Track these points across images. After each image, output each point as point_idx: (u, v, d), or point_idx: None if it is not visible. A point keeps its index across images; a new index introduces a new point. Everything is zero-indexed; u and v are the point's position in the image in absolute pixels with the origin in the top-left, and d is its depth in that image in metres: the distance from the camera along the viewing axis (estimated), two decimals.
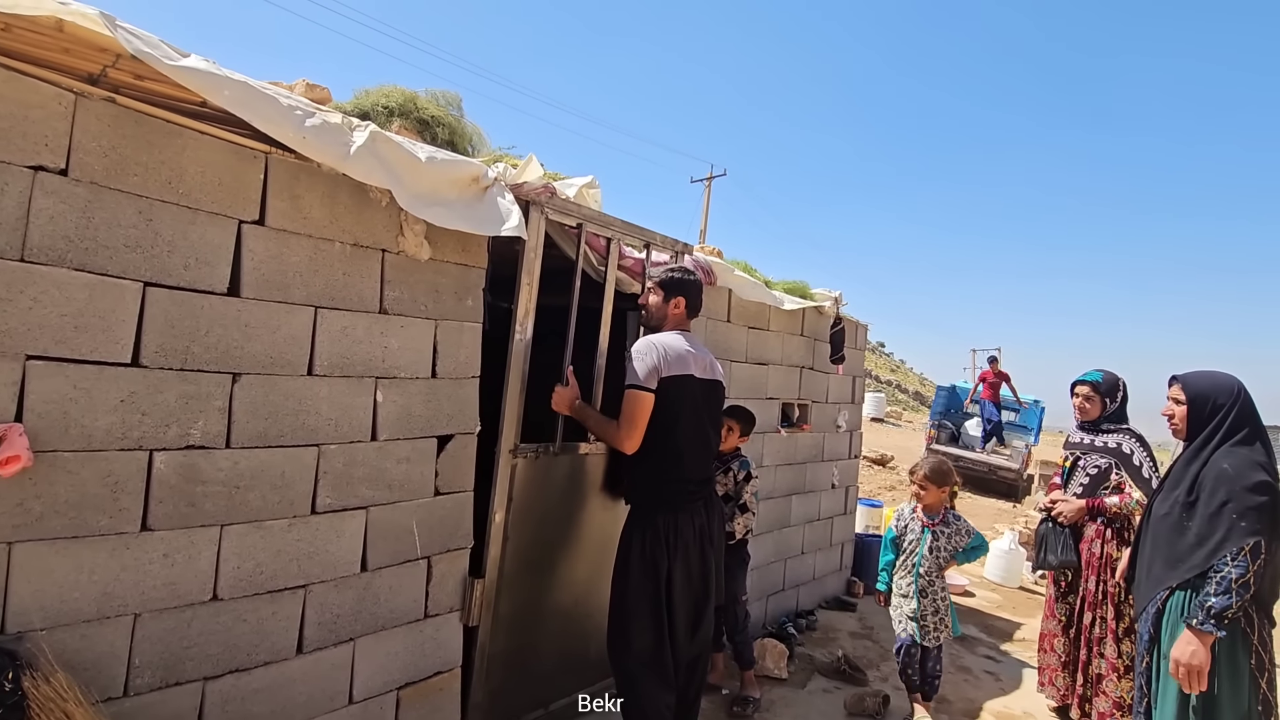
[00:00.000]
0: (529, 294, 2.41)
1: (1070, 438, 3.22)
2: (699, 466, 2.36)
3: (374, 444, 2.00)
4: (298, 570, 1.83)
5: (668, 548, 2.25)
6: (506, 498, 2.40)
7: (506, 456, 2.38)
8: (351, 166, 1.76)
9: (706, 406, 2.38)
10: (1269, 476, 2.01)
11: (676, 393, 2.26)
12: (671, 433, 2.26)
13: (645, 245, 2.88)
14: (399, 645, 2.08)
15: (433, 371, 2.16)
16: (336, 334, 1.90)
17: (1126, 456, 2.97)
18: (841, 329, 4.17)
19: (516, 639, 2.50)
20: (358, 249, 1.95)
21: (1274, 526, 1.97)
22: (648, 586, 2.24)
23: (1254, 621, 2.01)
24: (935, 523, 2.92)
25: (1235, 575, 1.94)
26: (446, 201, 2.03)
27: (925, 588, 2.89)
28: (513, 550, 2.44)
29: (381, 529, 2.03)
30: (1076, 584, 3.05)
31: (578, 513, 2.70)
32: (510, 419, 2.39)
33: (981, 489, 11.01)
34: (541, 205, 2.37)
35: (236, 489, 1.71)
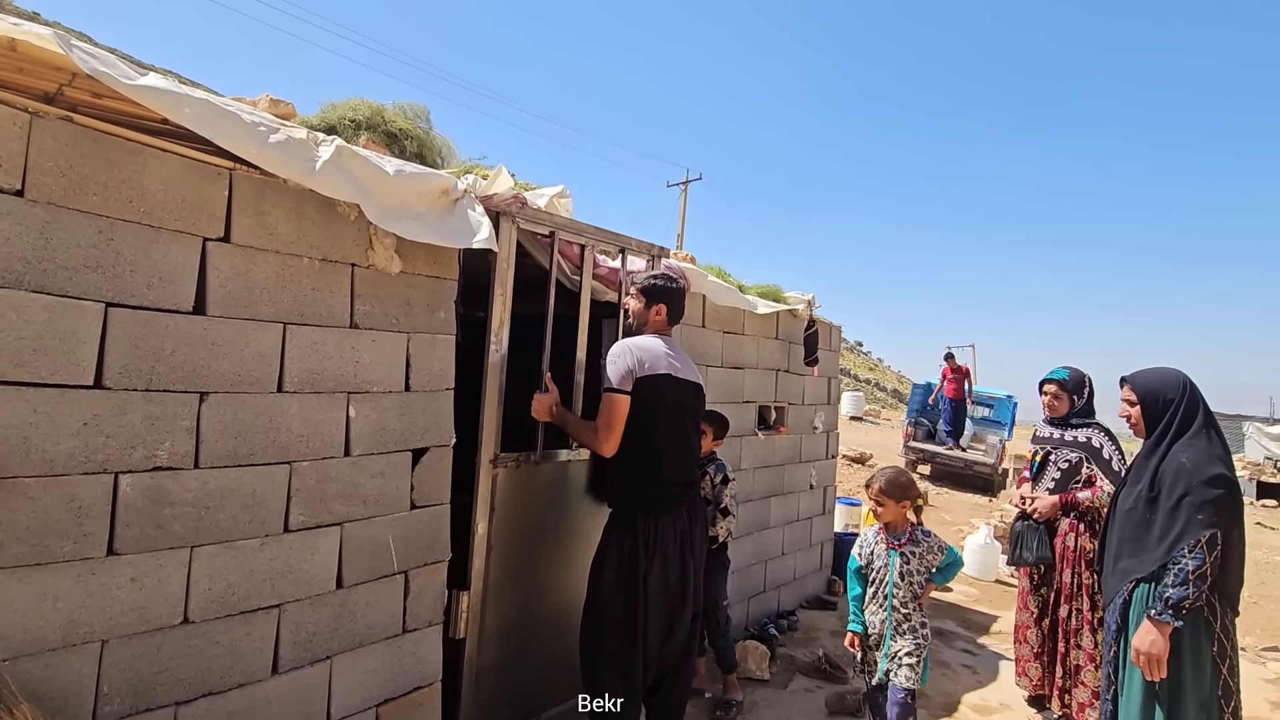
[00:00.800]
0: (503, 304, 2.42)
1: (1038, 432, 3.29)
2: (681, 469, 2.37)
3: (347, 459, 1.99)
4: (271, 589, 1.81)
5: (646, 551, 2.26)
6: (489, 508, 2.40)
7: (487, 467, 2.38)
8: (317, 182, 1.75)
9: (688, 409, 2.40)
10: (1225, 469, 2.08)
11: (654, 393, 2.27)
12: (651, 434, 2.27)
13: (620, 251, 2.90)
14: (377, 662, 2.07)
15: (406, 385, 2.15)
16: (306, 350, 1.89)
17: (1096, 450, 3.05)
18: (815, 331, 4.22)
19: (504, 649, 2.50)
20: (326, 264, 1.93)
21: (1231, 517, 2.04)
22: (623, 589, 2.25)
23: (1216, 610, 2.08)
24: (902, 543, 2.50)
25: (1192, 567, 2.01)
26: (416, 215, 2.03)
27: (902, 623, 2.47)
28: (497, 561, 2.44)
29: (357, 545, 2.01)
30: (1050, 576, 3.12)
31: (561, 520, 2.70)
32: (489, 429, 2.39)
33: (958, 484, 11.20)
34: (513, 215, 2.38)
35: (206, 509, 1.68)
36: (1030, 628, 3.18)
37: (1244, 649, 4.50)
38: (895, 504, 2.49)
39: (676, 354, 2.40)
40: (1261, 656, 4.35)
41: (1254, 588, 7.60)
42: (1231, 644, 2.11)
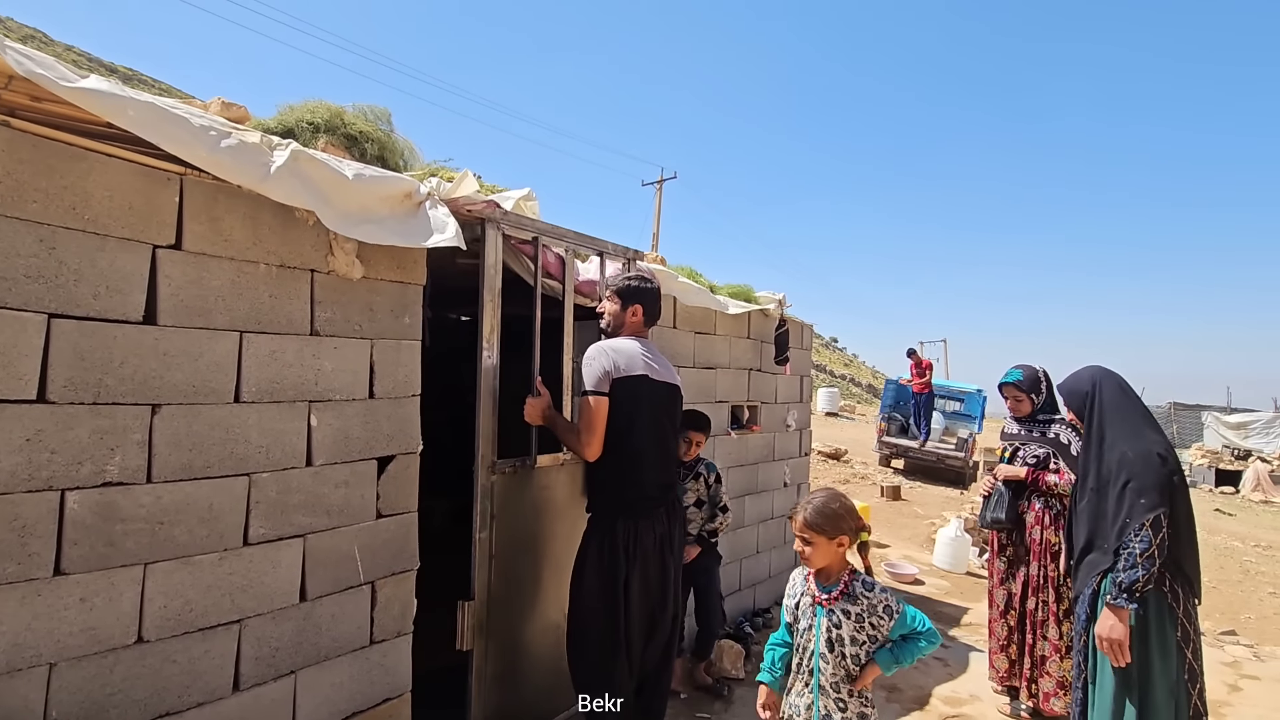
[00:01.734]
0: (493, 311, 2.40)
1: (1006, 429, 3.35)
2: (659, 471, 2.36)
3: (309, 469, 1.95)
4: (231, 605, 1.77)
5: (627, 556, 2.25)
6: (489, 515, 2.38)
7: (485, 473, 2.36)
8: (271, 188, 1.70)
9: (665, 410, 2.39)
10: (1163, 452, 2.16)
11: (631, 394, 2.26)
12: (628, 435, 2.26)
13: (599, 254, 2.91)
14: (344, 675, 2.03)
15: (370, 392, 2.11)
16: (265, 358, 1.84)
17: (1064, 446, 3.11)
18: (786, 330, 4.25)
19: (510, 658, 2.50)
20: (285, 270, 1.89)
21: (1174, 499, 2.12)
22: (604, 595, 2.24)
23: (1179, 596, 2.15)
24: (832, 598, 1.79)
25: (1140, 550, 2.08)
26: (378, 219, 1.99)
27: (833, 713, 1.77)
28: (499, 569, 2.43)
29: (321, 556, 1.97)
30: (1016, 570, 3.18)
31: (559, 524, 2.71)
32: (486, 435, 2.37)
33: (931, 478, 11.38)
34: (497, 222, 2.37)
35: (160, 525, 1.64)
36: (995, 620, 3.24)
37: (1203, 633, 4.64)
38: (827, 541, 1.76)
39: (653, 355, 2.39)
40: (1220, 640, 4.49)
41: (1213, 573, 7.85)
42: (1194, 628, 2.18)
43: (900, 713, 3.13)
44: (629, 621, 2.26)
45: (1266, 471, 14.45)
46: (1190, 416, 20.09)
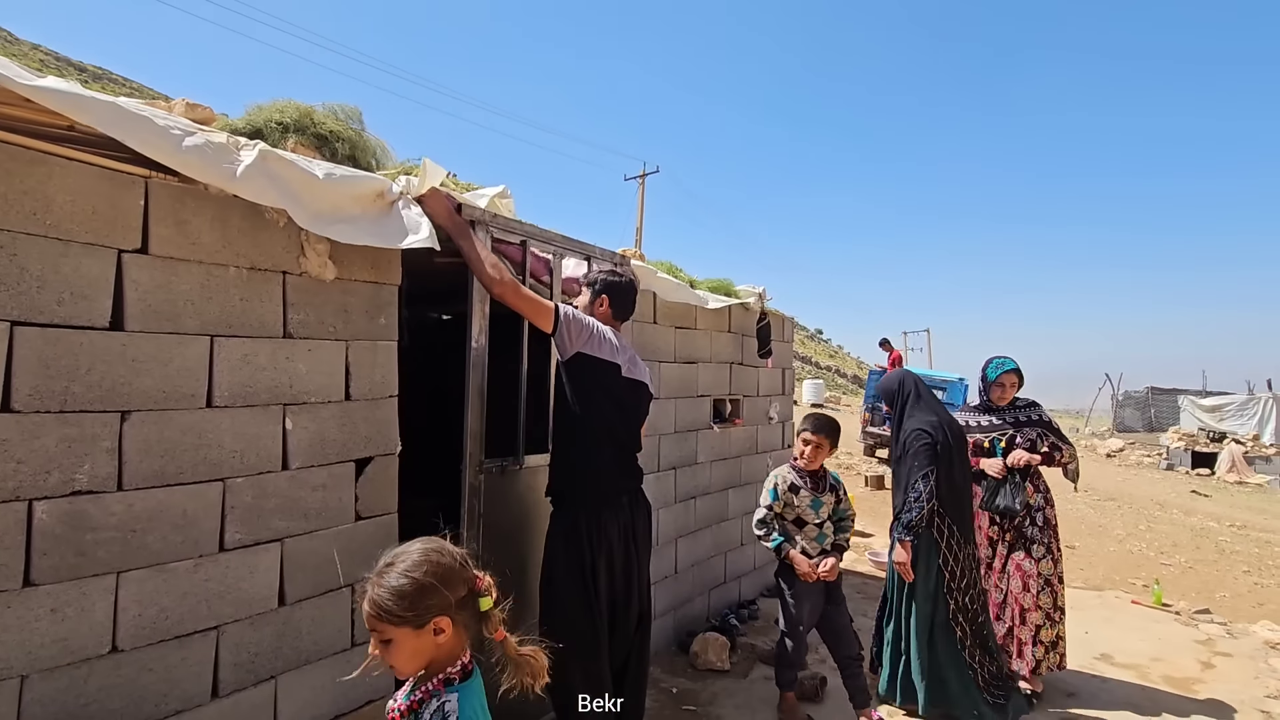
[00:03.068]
0: (482, 312, 2.40)
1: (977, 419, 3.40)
2: (619, 459, 2.37)
3: (286, 473, 1.93)
4: (208, 611, 1.75)
5: (591, 546, 2.26)
6: (477, 515, 2.38)
7: (473, 473, 2.36)
8: (240, 186, 1.68)
9: (629, 404, 2.40)
10: (927, 428, 2.91)
11: (594, 377, 2.28)
12: (586, 421, 2.28)
13: (587, 258, 2.92)
14: (325, 678, 2.02)
15: (346, 394, 2.09)
16: (237, 362, 1.82)
17: (1049, 423, 3.34)
18: (767, 323, 4.27)
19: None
20: (255, 272, 1.87)
21: (937, 459, 2.86)
22: (575, 588, 2.25)
23: (944, 532, 2.91)
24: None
25: (913, 497, 2.84)
26: (351, 218, 1.97)
27: None
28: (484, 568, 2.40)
29: (299, 560, 1.96)
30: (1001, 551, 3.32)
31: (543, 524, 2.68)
32: (474, 435, 2.36)
33: None
34: (486, 224, 2.37)
35: (133, 532, 1.62)
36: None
37: (1178, 613, 4.74)
38: (411, 633, 1.39)
39: (624, 349, 2.40)
40: (1194, 619, 4.59)
41: (1189, 553, 8.01)
42: (955, 556, 2.93)
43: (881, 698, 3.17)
44: (601, 612, 2.27)
45: (1241, 453, 14.76)
46: (1167, 401, 20.47)
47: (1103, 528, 8.68)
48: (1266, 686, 3.48)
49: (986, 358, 3.43)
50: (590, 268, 2.91)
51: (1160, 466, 15.83)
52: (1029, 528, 3.25)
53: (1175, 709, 3.21)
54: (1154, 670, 3.65)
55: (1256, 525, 9.78)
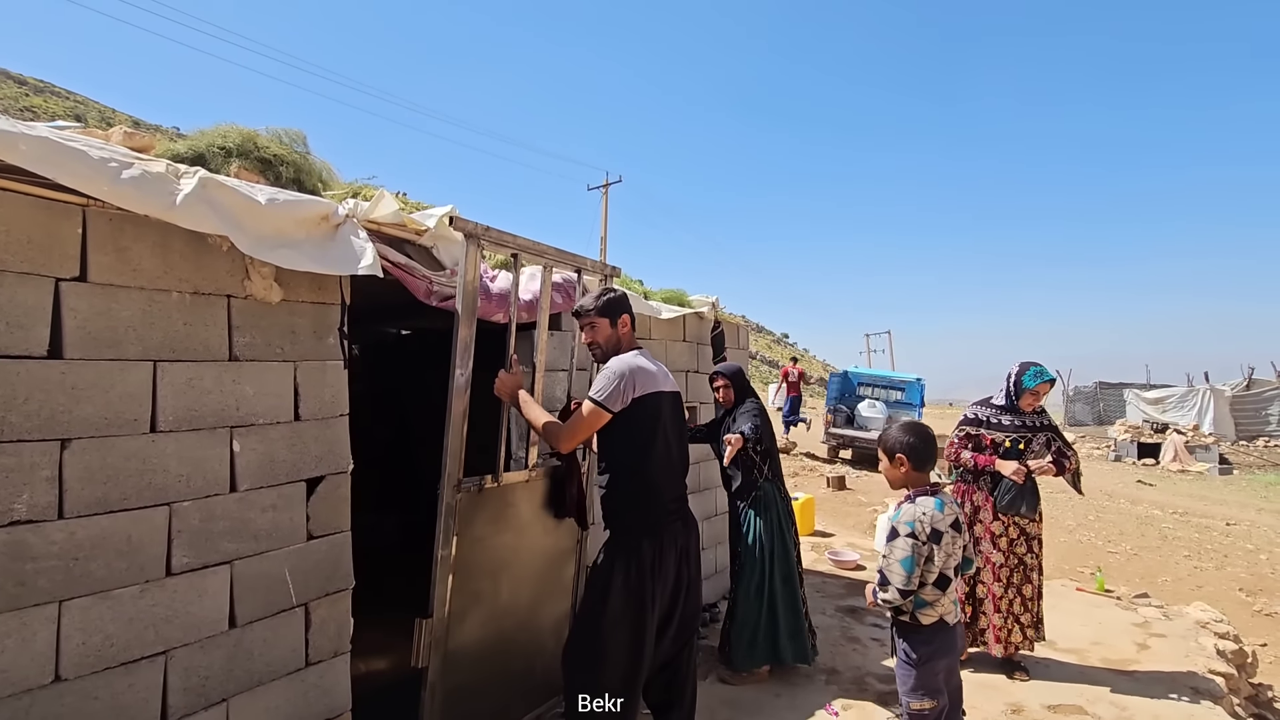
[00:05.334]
0: (469, 328, 2.39)
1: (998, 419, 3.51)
2: (674, 484, 2.40)
3: (234, 495, 1.94)
4: (155, 636, 1.75)
5: (652, 574, 2.26)
6: (451, 533, 2.39)
7: (450, 492, 2.37)
8: (180, 216, 1.70)
9: (674, 421, 2.43)
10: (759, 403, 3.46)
11: (652, 413, 2.30)
12: (649, 454, 2.29)
13: (576, 271, 2.96)
14: (279, 699, 2.03)
15: (295, 414, 2.11)
16: (181, 387, 1.83)
17: (1057, 429, 3.53)
18: (721, 331, 4.38)
19: (466, 673, 2.52)
20: (199, 297, 1.88)
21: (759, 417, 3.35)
22: (630, 614, 2.24)
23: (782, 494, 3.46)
24: None
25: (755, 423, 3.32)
26: (294, 243, 1.99)
27: None
28: (459, 585, 2.44)
29: (249, 582, 1.97)
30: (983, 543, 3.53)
31: (521, 538, 2.75)
32: (453, 454, 2.37)
33: (875, 466, 11.76)
34: (478, 237, 2.39)
35: (75, 560, 1.62)
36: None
37: (1119, 598, 4.98)
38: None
39: (659, 366, 2.44)
40: (1134, 604, 4.82)
41: (1134, 540, 8.37)
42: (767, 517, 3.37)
43: (838, 693, 3.28)
44: (646, 639, 2.27)
45: (1182, 442, 15.46)
46: (1114, 395, 21.32)
47: (1054, 519, 9.01)
48: (1195, 663, 3.68)
49: (1020, 362, 3.50)
50: (581, 279, 2.96)
51: (1109, 458, 16.47)
52: (1030, 525, 3.47)
53: (1110, 685, 3.39)
54: (1093, 653, 3.83)
55: (1197, 511, 10.27)
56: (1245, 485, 13.47)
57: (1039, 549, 3.50)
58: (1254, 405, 18.08)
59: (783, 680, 3.39)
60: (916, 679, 2.26)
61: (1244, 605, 6.30)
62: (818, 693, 3.28)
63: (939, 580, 2.20)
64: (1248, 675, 4.21)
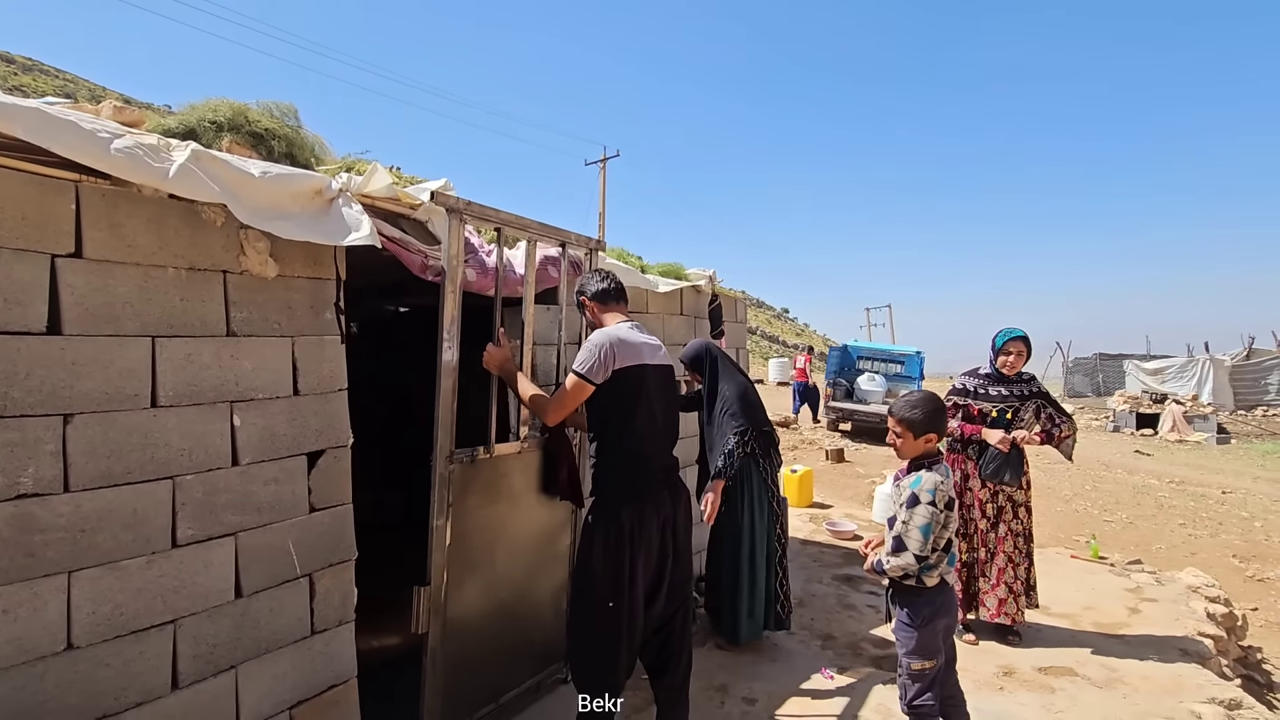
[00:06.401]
0: (454, 302, 2.41)
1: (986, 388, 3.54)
2: (659, 453, 2.44)
3: (236, 469, 1.97)
4: (163, 606, 1.79)
5: (631, 541, 2.31)
6: (446, 504, 2.44)
7: (443, 463, 2.41)
8: (175, 185, 1.70)
9: (665, 392, 2.47)
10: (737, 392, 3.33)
11: (634, 384, 2.33)
12: (631, 424, 2.34)
13: (561, 245, 2.96)
14: (286, 665, 2.08)
15: (295, 389, 2.13)
16: (180, 362, 1.85)
17: (1047, 394, 3.54)
18: (719, 305, 4.38)
19: (466, 639, 2.58)
20: (195, 273, 1.89)
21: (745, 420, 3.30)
22: (610, 579, 2.30)
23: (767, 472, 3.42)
24: None
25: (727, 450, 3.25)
26: (290, 215, 2.00)
27: None
28: (456, 554, 2.50)
29: (254, 553, 2.00)
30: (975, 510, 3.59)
31: (515, 509, 2.79)
32: (444, 426, 2.41)
33: (875, 439, 11.85)
34: (460, 212, 2.39)
35: (82, 532, 1.65)
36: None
37: (1112, 565, 5.05)
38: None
39: (647, 338, 2.47)
40: (1126, 570, 4.90)
41: (1130, 509, 8.46)
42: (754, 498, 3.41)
43: (834, 658, 3.36)
44: (634, 605, 2.32)
45: (1181, 413, 15.52)
46: (1114, 366, 21.35)
47: (1051, 489, 9.11)
48: (1185, 627, 3.76)
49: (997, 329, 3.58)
50: (565, 253, 2.97)
51: (1107, 429, 16.55)
52: (1018, 492, 3.50)
53: (1100, 648, 3.46)
54: (1085, 617, 3.91)
55: (1193, 480, 10.36)
56: (1242, 454, 13.56)
57: (1027, 516, 3.55)
58: (1253, 375, 18.11)
59: (779, 646, 3.47)
60: (918, 640, 2.33)
61: (1237, 571, 6.40)
62: (814, 658, 3.36)
63: (945, 546, 2.28)
64: (1237, 638, 4.29)
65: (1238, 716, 2.88)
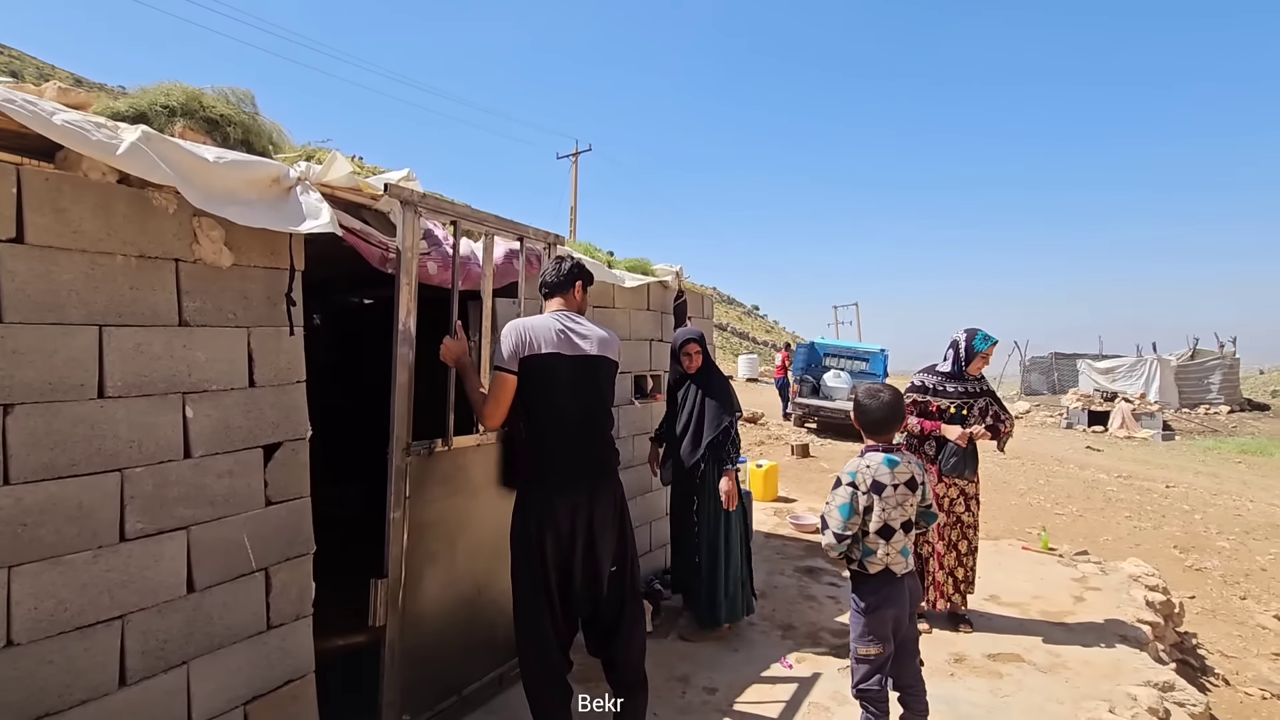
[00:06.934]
0: (409, 294, 2.38)
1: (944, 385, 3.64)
2: (568, 446, 2.38)
3: (189, 461, 1.93)
4: (110, 601, 1.75)
5: (539, 532, 2.32)
6: (403, 496, 2.42)
7: (400, 455, 2.39)
8: (125, 162, 1.65)
9: (585, 385, 2.40)
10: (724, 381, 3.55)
11: (539, 372, 2.31)
12: (535, 412, 2.34)
13: (519, 238, 2.94)
14: (241, 661, 2.05)
15: (250, 380, 2.09)
16: (129, 352, 1.80)
17: (994, 392, 3.71)
18: (684, 301, 4.42)
19: (426, 632, 2.57)
20: (145, 260, 1.84)
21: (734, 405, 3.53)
22: (523, 564, 2.35)
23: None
24: None
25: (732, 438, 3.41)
26: (247, 202, 1.96)
27: None
28: (415, 546, 2.48)
29: (207, 547, 1.97)
30: None
31: (475, 501, 2.78)
32: (400, 418, 2.39)
33: (840, 434, 12.07)
34: (414, 204, 2.37)
35: (23, 526, 1.60)
36: None
37: (1060, 556, 5.25)
38: None
39: (574, 329, 2.40)
40: (1074, 560, 5.09)
41: (1081, 502, 8.77)
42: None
43: (794, 647, 3.43)
44: (550, 595, 2.34)
45: (1129, 410, 16.14)
46: (1068, 365, 22.08)
47: (1006, 483, 9.39)
48: (1125, 614, 3.93)
49: (965, 329, 3.66)
50: (523, 247, 2.96)
51: (1061, 425, 17.12)
52: (969, 485, 3.62)
53: (1046, 635, 3.60)
54: (1033, 606, 4.06)
55: (1140, 475, 10.78)
56: (1185, 450, 14.17)
57: (976, 508, 3.68)
58: (1197, 374, 18.92)
59: (740, 636, 3.53)
60: (865, 626, 2.40)
61: (1177, 561, 6.69)
62: (773, 647, 3.42)
63: (882, 530, 2.33)
64: (1174, 624, 4.50)
65: (1170, 698, 3.03)
